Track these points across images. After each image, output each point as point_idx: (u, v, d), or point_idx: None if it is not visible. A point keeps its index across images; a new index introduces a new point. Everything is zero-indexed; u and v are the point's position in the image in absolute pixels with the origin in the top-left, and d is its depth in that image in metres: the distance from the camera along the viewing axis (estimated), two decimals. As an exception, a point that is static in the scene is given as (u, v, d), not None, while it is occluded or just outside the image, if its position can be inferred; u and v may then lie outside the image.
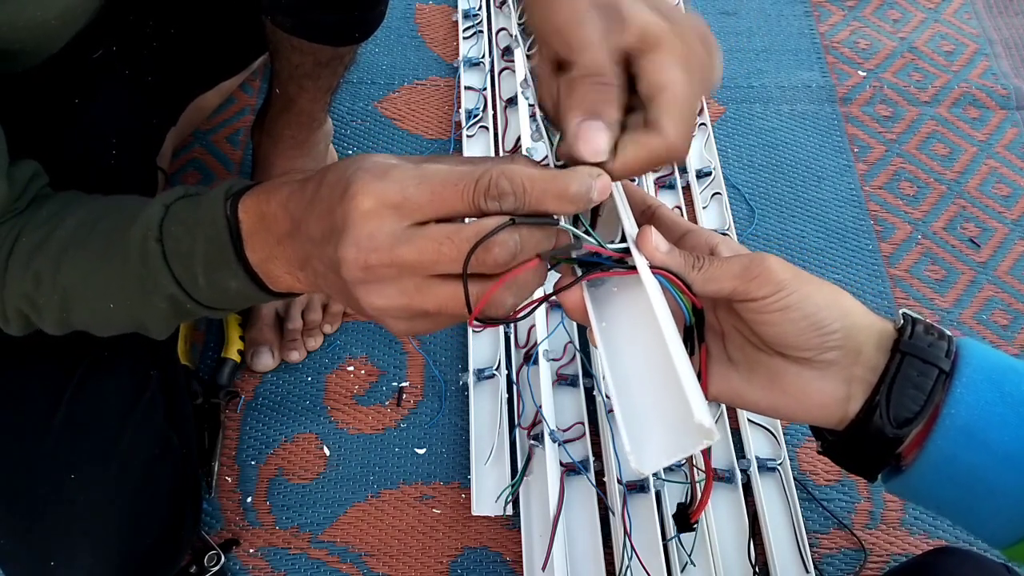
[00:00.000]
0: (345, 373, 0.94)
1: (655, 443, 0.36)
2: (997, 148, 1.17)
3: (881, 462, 0.45)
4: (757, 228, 1.08)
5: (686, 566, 0.80)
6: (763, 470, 0.86)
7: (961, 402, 0.41)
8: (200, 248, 0.46)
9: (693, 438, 0.35)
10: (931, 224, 1.10)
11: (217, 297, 0.48)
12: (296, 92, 0.86)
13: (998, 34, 1.30)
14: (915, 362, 0.42)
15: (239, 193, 0.46)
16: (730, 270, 0.42)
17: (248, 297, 0.48)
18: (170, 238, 0.47)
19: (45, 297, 0.52)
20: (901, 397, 0.42)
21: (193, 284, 0.48)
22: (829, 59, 1.25)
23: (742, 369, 0.46)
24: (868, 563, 0.84)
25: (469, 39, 1.22)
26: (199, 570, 0.80)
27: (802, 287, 0.42)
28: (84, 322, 0.54)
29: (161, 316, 0.51)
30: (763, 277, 0.41)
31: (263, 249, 0.45)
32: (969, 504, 0.43)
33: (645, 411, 0.37)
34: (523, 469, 0.84)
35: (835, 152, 1.16)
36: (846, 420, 0.44)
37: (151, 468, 0.72)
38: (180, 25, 0.79)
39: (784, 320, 0.42)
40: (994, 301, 1.03)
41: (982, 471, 0.41)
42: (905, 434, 0.42)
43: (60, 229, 0.51)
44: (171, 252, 0.47)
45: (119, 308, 0.51)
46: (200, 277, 0.47)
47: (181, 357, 0.88)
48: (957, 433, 0.41)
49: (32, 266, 0.51)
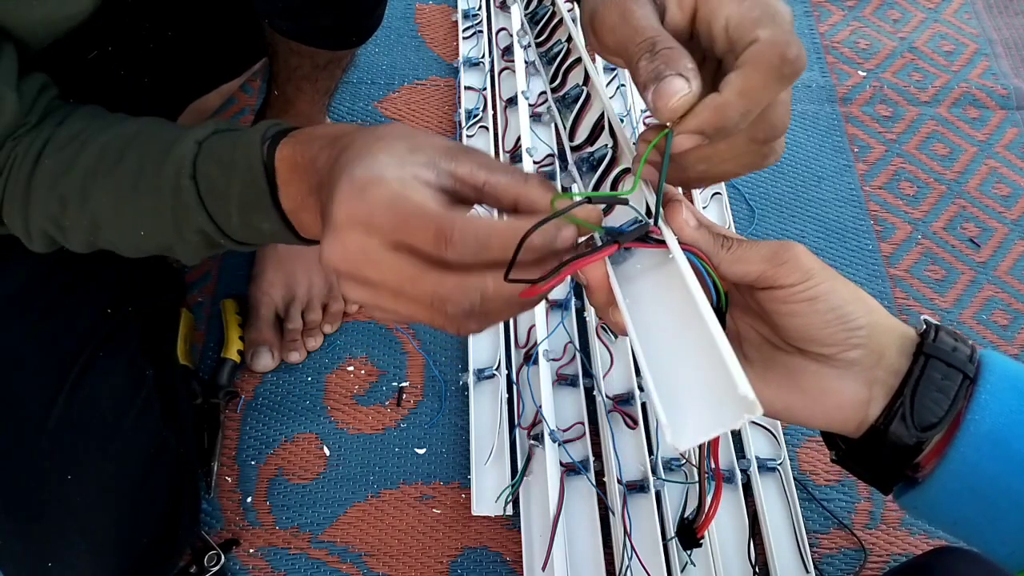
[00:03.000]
0: (345, 373, 0.94)
1: (693, 418, 0.35)
2: (997, 148, 1.17)
3: (898, 472, 0.43)
4: (757, 228, 1.08)
5: (686, 566, 0.79)
6: (763, 470, 0.86)
7: (986, 408, 0.40)
8: (236, 190, 0.47)
9: (735, 412, 0.33)
10: (931, 224, 1.09)
11: (250, 235, 0.50)
12: (294, 94, 0.86)
13: (998, 34, 1.29)
14: (939, 365, 0.41)
15: (275, 138, 0.47)
16: (759, 252, 0.41)
17: (280, 237, 0.49)
18: (204, 178, 0.48)
19: (72, 220, 0.53)
20: (925, 400, 0.41)
21: (227, 222, 0.49)
22: (829, 59, 1.25)
23: (757, 368, 0.44)
24: (868, 563, 0.84)
25: (469, 39, 1.22)
26: (199, 570, 0.80)
27: (829, 279, 0.41)
28: (112, 244, 0.55)
29: (192, 247, 0.52)
30: (792, 264, 0.40)
31: (296, 198, 0.46)
32: (990, 518, 0.41)
33: (681, 386, 0.36)
34: (523, 469, 0.84)
35: (835, 152, 1.16)
36: (864, 425, 0.42)
37: (147, 468, 0.72)
38: (177, 28, 0.79)
39: (811, 311, 0.41)
40: (994, 301, 1.03)
41: (1006, 481, 0.40)
42: (927, 438, 0.41)
43: (85, 154, 0.52)
44: (205, 191, 0.48)
45: (149, 236, 0.52)
46: (234, 216, 0.48)
47: (181, 357, 0.88)
48: (981, 440, 0.40)
49: (58, 189, 0.52)
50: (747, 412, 0.33)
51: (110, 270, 0.74)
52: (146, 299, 0.82)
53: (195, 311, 0.96)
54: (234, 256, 0.99)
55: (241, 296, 0.95)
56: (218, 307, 0.95)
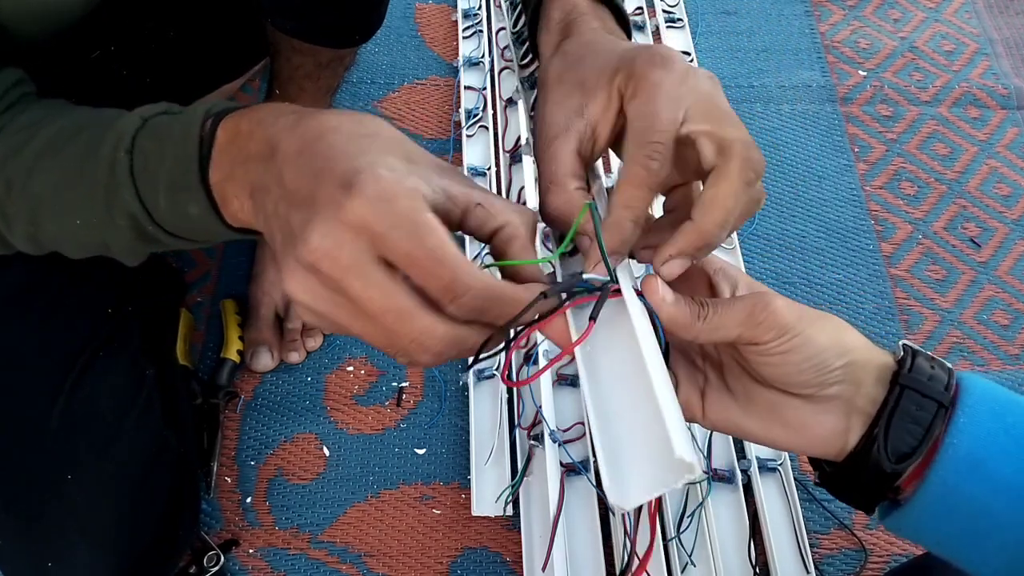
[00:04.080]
0: (345, 373, 0.94)
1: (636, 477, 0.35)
2: (998, 148, 1.16)
3: (879, 495, 0.44)
4: (757, 228, 1.08)
5: (686, 566, 0.79)
6: (763, 470, 0.86)
7: (964, 432, 0.41)
8: (167, 165, 0.43)
9: (674, 473, 0.33)
10: (932, 224, 1.09)
11: (177, 223, 0.45)
12: (296, 93, 0.86)
13: (999, 34, 1.29)
14: (914, 395, 0.42)
15: (222, 113, 0.43)
16: (735, 317, 0.41)
17: (207, 228, 0.44)
18: (140, 152, 0.44)
19: (15, 207, 0.49)
20: (899, 431, 0.41)
21: (155, 204, 0.44)
22: (830, 59, 1.25)
23: (740, 400, 0.45)
24: (868, 563, 0.84)
25: (469, 39, 1.22)
26: (199, 570, 0.80)
27: (806, 329, 0.41)
28: (53, 238, 0.50)
29: (124, 237, 0.47)
30: (768, 322, 0.41)
31: (226, 167, 0.42)
32: (971, 539, 0.42)
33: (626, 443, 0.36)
34: (523, 469, 0.84)
35: (836, 152, 1.16)
36: (845, 452, 0.43)
37: (148, 468, 0.71)
38: (179, 28, 0.79)
39: (786, 362, 0.42)
40: (995, 301, 1.03)
41: (985, 503, 0.40)
42: (903, 469, 0.41)
43: (38, 138, 0.48)
44: (139, 168, 0.44)
45: (84, 224, 0.47)
46: (161, 197, 0.44)
47: (180, 357, 0.88)
48: (959, 463, 0.40)
49: (5, 172, 0.48)
50: (687, 473, 0.33)
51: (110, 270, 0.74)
52: (146, 299, 0.81)
53: (195, 311, 0.95)
54: (234, 256, 0.99)
55: (241, 296, 0.95)
56: (218, 307, 0.95)
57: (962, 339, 1.00)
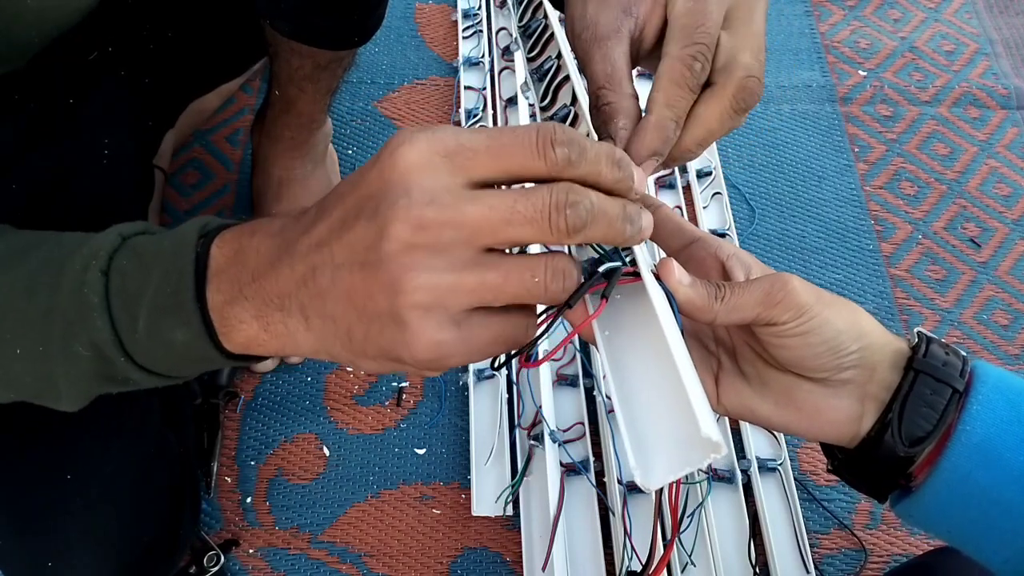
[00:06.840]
0: (345, 373, 0.94)
1: (661, 458, 0.35)
2: (998, 148, 1.16)
3: (892, 482, 0.44)
4: (757, 228, 1.08)
5: (686, 566, 0.79)
6: (763, 470, 0.86)
7: (977, 419, 0.41)
8: (152, 286, 0.38)
9: (700, 452, 0.34)
10: (932, 224, 1.09)
11: (154, 353, 0.40)
12: (295, 94, 0.86)
13: (998, 34, 1.29)
14: (928, 380, 0.42)
15: (217, 230, 0.39)
16: (752, 297, 0.41)
17: (191, 356, 0.39)
18: (118, 273, 0.39)
19: None
20: (913, 415, 0.41)
21: (131, 330, 0.39)
22: (829, 59, 1.25)
23: (754, 384, 0.45)
24: (868, 563, 0.84)
25: (469, 39, 1.22)
26: (198, 570, 0.80)
27: (823, 311, 0.41)
28: None
29: (80, 372, 0.41)
30: (785, 302, 0.41)
31: (230, 289, 0.37)
32: (983, 527, 0.42)
33: (651, 424, 0.37)
34: (523, 469, 0.84)
35: (835, 152, 1.16)
36: (858, 438, 0.43)
37: (148, 468, 0.71)
38: (177, 28, 0.79)
39: (803, 344, 0.42)
40: (995, 301, 1.03)
41: (998, 491, 0.40)
42: (917, 453, 0.41)
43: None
44: (115, 289, 0.39)
45: (27, 356, 0.41)
46: (141, 321, 0.38)
47: (181, 357, 0.88)
48: (972, 450, 0.41)
49: None
50: (712, 452, 0.33)
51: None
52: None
53: (195, 311, 0.95)
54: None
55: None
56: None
57: (962, 339, 1.00)
